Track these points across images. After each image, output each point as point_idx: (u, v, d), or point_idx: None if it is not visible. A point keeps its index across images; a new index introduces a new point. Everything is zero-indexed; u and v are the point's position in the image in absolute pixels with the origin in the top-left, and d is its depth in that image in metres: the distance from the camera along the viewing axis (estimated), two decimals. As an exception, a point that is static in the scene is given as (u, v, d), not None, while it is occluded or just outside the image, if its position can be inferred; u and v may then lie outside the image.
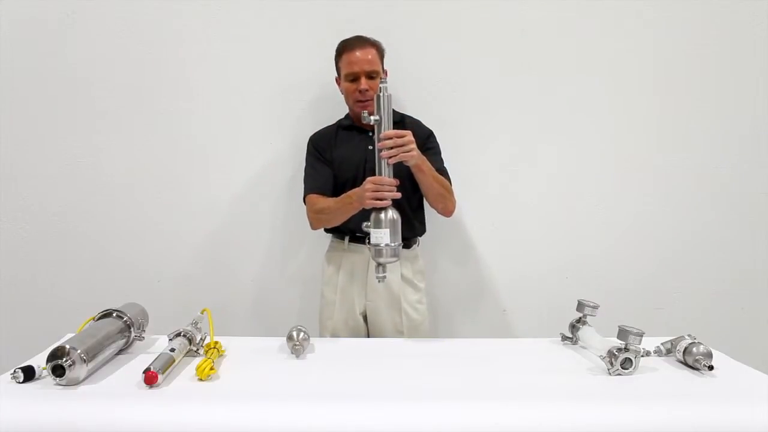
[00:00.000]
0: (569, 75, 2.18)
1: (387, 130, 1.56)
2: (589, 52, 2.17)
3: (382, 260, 1.56)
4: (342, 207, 1.74)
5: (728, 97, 2.20)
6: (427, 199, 1.83)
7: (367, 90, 1.79)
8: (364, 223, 1.59)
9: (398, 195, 1.58)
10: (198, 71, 2.14)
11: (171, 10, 2.12)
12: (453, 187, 1.84)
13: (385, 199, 1.57)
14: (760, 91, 2.20)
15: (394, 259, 1.57)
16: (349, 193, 1.72)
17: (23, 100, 2.13)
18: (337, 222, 1.82)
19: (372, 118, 1.57)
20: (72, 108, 2.14)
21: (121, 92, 2.14)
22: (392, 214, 1.57)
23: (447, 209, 1.84)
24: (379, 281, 1.59)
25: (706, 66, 2.19)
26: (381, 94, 1.56)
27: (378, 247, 1.55)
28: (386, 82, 1.56)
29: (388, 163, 1.57)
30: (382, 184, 1.58)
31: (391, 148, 1.55)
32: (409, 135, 1.59)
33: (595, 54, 2.18)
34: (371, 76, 1.79)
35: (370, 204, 1.59)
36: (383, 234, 1.55)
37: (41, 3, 2.09)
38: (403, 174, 1.65)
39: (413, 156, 1.60)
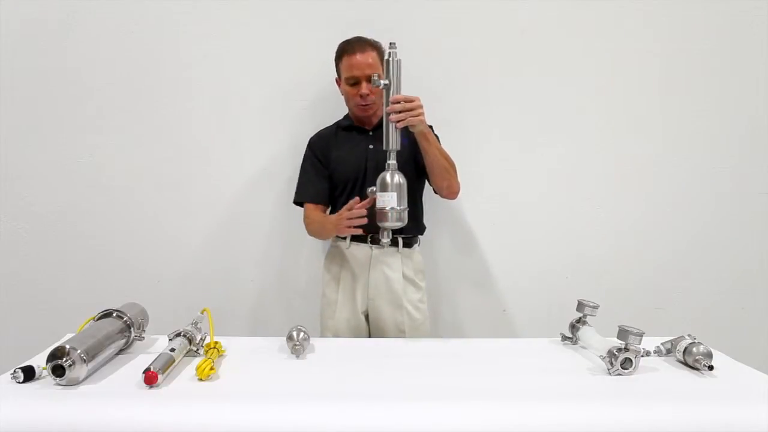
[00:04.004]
0: (569, 75, 2.18)
1: (396, 94, 1.57)
2: (589, 52, 2.18)
3: (387, 225, 1.57)
4: (321, 228, 1.87)
5: (728, 97, 2.20)
6: (431, 178, 1.81)
7: (368, 94, 1.79)
8: (370, 188, 1.61)
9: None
10: (198, 71, 2.14)
11: (171, 10, 2.12)
12: None
13: (357, 225, 1.62)
14: (760, 91, 2.20)
15: (400, 224, 1.58)
16: (329, 217, 1.83)
17: (23, 100, 2.13)
18: (322, 238, 1.95)
19: (382, 82, 1.58)
20: (72, 108, 2.14)
21: (121, 92, 2.14)
22: (398, 177, 1.57)
23: (452, 188, 1.83)
24: (383, 246, 1.61)
25: (706, 66, 2.19)
26: (390, 59, 1.57)
27: (383, 211, 1.56)
28: (396, 47, 1.57)
29: (396, 127, 1.58)
30: (352, 210, 1.62)
31: (400, 112, 1.56)
32: (418, 100, 1.60)
33: (595, 54, 2.18)
34: (372, 79, 1.79)
35: (346, 232, 1.67)
36: (389, 197, 1.55)
37: (41, 3, 2.09)
38: (406, 170, 1.66)
39: (421, 120, 1.62)
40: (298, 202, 1.94)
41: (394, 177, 1.57)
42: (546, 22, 2.15)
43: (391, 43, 1.58)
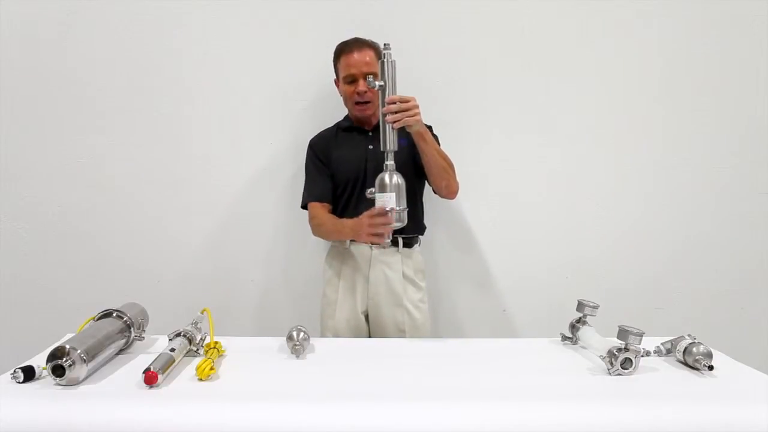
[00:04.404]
0: (569, 74, 2.18)
1: (392, 95, 1.58)
2: (590, 52, 2.18)
3: None
4: (335, 232, 1.83)
5: (728, 97, 2.20)
6: (429, 177, 1.81)
7: (365, 92, 1.80)
8: (369, 189, 1.61)
9: (390, 230, 1.59)
10: (198, 71, 2.15)
11: (171, 10, 2.12)
12: None
13: (383, 234, 1.59)
14: (761, 91, 2.20)
15: (399, 224, 1.59)
16: (345, 222, 1.78)
17: (23, 100, 2.13)
18: (331, 240, 1.91)
19: (377, 83, 1.59)
20: (72, 108, 2.14)
21: (121, 92, 2.14)
22: (397, 178, 1.58)
23: (450, 188, 1.82)
24: (384, 247, 1.63)
25: (706, 66, 2.19)
26: (385, 60, 1.58)
27: None
28: (390, 48, 1.57)
29: (392, 128, 1.58)
30: (377, 217, 1.58)
31: (396, 112, 1.57)
32: (413, 100, 1.60)
33: (595, 53, 2.18)
34: (367, 80, 1.80)
35: (367, 240, 1.65)
36: (389, 198, 1.56)
37: (41, 3, 2.09)
38: (406, 171, 1.66)
39: (417, 120, 1.62)
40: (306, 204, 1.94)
41: (392, 178, 1.57)
42: (546, 22, 2.15)
43: (385, 44, 1.59)
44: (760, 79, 2.20)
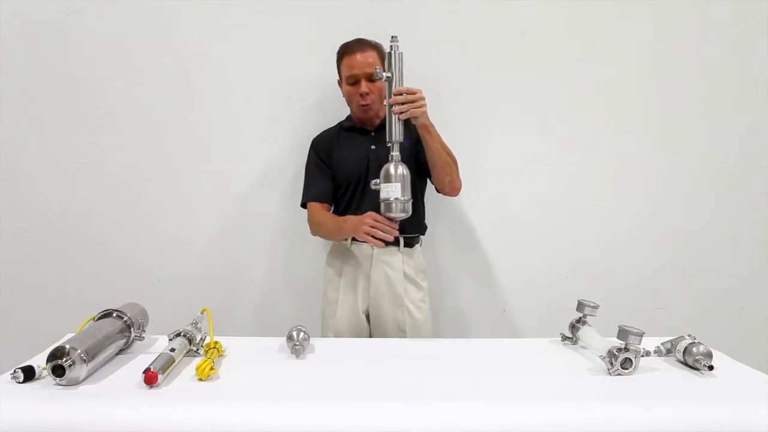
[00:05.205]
0: (569, 75, 2.18)
1: (398, 86, 1.59)
2: (590, 52, 2.18)
3: (392, 215, 1.60)
4: (336, 230, 1.84)
5: (728, 97, 2.20)
6: (433, 172, 1.81)
7: (367, 93, 1.80)
8: (374, 180, 1.62)
9: (391, 238, 1.64)
10: (199, 71, 2.15)
11: (172, 10, 2.12)
12: None
13: (379, 239, 1.62)
14: (760, 91, 2.20)
15: (404, 214, 1.60)
16: (346, 218, 1.80)
17: (23, 100, 2.13)
18: (330, 239, 1.93)
19: (384, 74, 1.59)
20: (72, 108, 2.14)
21: (121, 92, 2.14)
22: (402, 169, 1.59)
23: (454, 184, 1.83)
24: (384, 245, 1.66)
25: (706, 66, 2.19)
26: (392, 52, 1.59)
27: (387, 202, 1.58)
28: (397, 41, 1.58)
29: (398, 119, 1.59)
30: (381, 223, 1.62)
31: (403, 103, 1.57)
32: (420, 92, 1.62)
33: (595, 54, 2.18)
34: (372, 78, 1.79)
35: (363, 237, 1.67)
36: (394, 188, 1.57)
37: (41, 3, 2.09)
38: (408, 169, 1.66)
39: (423, 112, 1.64)
40: (305, 203, 1.95)
41: (398, 168, 1.59)
42: (547, 22, 2.15)
43: (392, 37, 1.60)
44: (760, 79, 2.20)
